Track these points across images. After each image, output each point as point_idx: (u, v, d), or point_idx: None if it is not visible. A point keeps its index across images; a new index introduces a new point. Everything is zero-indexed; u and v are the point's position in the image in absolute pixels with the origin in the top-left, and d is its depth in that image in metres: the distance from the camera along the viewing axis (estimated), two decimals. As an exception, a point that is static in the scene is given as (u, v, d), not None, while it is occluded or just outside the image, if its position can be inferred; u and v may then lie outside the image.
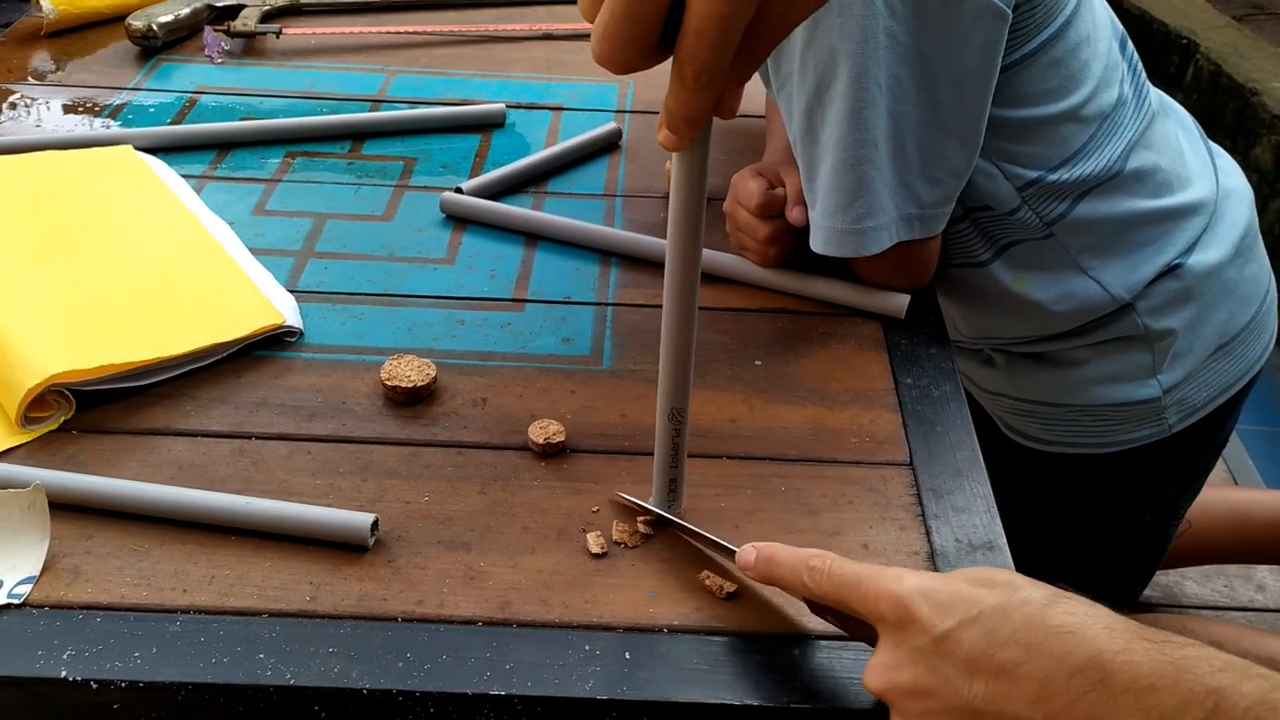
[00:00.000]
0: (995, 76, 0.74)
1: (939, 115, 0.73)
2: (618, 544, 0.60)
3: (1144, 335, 0.88)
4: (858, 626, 0.51)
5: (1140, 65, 0.88)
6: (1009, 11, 0.72)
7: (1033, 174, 0.81)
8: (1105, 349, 0.89)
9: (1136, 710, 0.41)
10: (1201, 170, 0.91)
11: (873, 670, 0.48)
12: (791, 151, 0.81)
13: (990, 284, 0.87)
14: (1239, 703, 0.40)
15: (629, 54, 0.44)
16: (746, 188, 0.79)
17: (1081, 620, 0.44)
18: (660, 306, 0.78)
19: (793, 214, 0.78)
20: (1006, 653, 0.44)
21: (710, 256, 0.80)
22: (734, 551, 0.56)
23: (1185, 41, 2.52)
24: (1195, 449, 0.97)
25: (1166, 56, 2.57)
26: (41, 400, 0.65)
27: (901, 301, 0.78)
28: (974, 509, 0.64)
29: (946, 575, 0.48)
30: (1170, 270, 0.87)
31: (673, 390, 0.57)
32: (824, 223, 0.75)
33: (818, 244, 0.76)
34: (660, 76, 0.44)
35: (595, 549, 0.59)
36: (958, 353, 0.96)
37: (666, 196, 0.89)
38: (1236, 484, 1.50)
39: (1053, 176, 0.81)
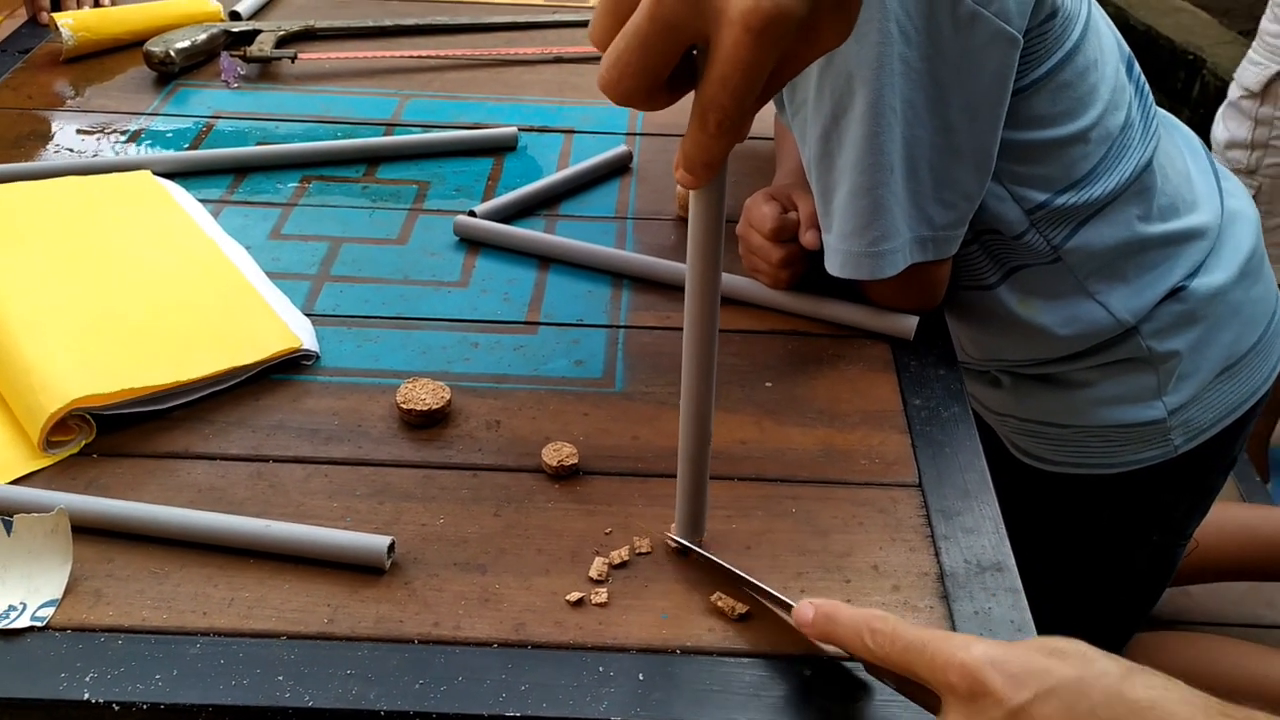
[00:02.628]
0: (1007, 100, 0.75)
1: (952, 139, 0.74)
2: (628, 564, 0.61)
3: (1148, 357, 0.88)
4: (917, 691, 0.50)
5: (1147, 88, 0.89)
6: (1020, 38, 0.73)
7: (1041, 196, 0.82)
8: (1110, 371, 0.89)
9: None
10: (1207, 193, 0.92)
11: None
12: (803, 175, 0.82)
13: (998, 307, 0.88)
14: None
15: (636, 85, 0.44)
16: (760, 212, 0.80)
17: (1160, 695, 0.43)
18: (672, 329, 0.79)
19: (806, 238, 0.79)
20: None
21: (722, 279, 0.81)
22: (789, 605, 0.55)
23: (1191, 57, 2.53)
24: (1203, 469, 0.97)
25: (1173, 72, 2.58)
26: (63, 424, 0.67)
27: (910, 323, 0.78)
28: (983, 530, 0.64)
29: (1016, 644, 0.47)
30: (1175, 293, 0.88)
31: (696, 421, 0.58)
32: (840, 245, 0.76)
33: (834, 266, 0.77)
34: None
35: (595, 575, 0.60)
36: (965, 374, 0.96)
37: (677, 219, 0.91)
38: (1245, 502, 1.50)
39: (1061, 199, 0.82)
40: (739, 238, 0.82)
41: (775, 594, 0.57)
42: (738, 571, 0.59)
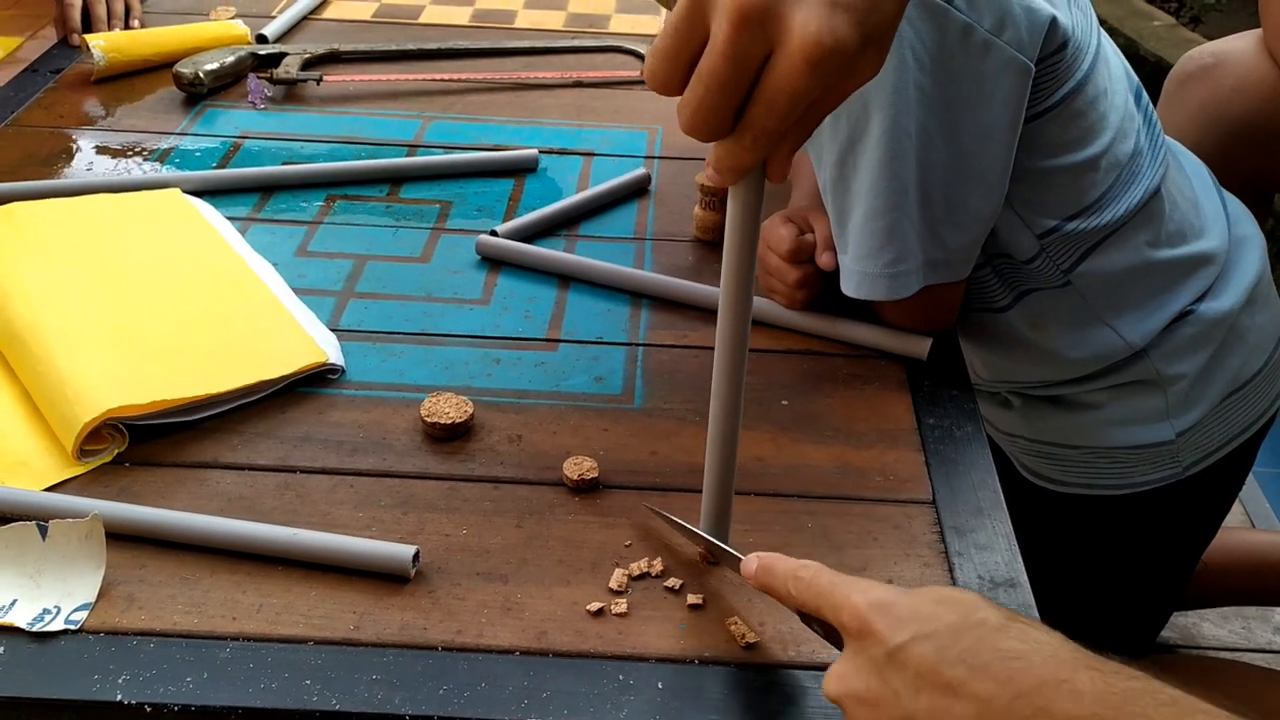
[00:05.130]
0: (1019, 127, 0.77)
1: (965, 164, 0.76)
2: (648, 575, 0.62)
3: (1157, 380, 0.89)
4: (837, 636, 0.52)
5: (1155, 116, 0.91)
6: (1032, 66, 0.75)
7: (1052, 222, 0.83)
8: (1119, 393, 0.91)
9: None
10: (1215, 219, 0.93)
11: (831, 677, 0.50)
12: (819, 197, 0.83)
13: (1009, 330, 0.90)
14: None
15: (722, 123, 0.46)
16: (777, 233, 0.82)
17: (1031, 647, 0.45)
18: (689, 348, 0.81)
19: (822, 259, 0.81)
20: (953, 671, 0.45)
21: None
22: (739, 560, 0.58)
23: (1202, 87, 2.53)
24: (1210, 492, 0.98)
25: (1183, 102, 2.59)
26: (97, 434, 0.68)
27: (924, 344, 0.80)
28: (996, 547, 0.65)
29: (913, 591, 0.49)
30: (1183, 316, 0.89)
31: (725, 426, 0.59)
32: (856, 267, 0.78)
33: (849, 287, 0.79)
34: None
35: (614, 585, 0.61)
36: (977, 395, 0.98)
37: (694, 240, 0.92)
38: (1254, 526, 1.51)
39: (1071, 225, 0.84)
40: (758, 257, 0.84)
41: (729, 550, 0.60)
42: (693, 528, 0.63)
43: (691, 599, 0.61)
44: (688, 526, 0.63)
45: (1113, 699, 0.42)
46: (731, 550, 0.60)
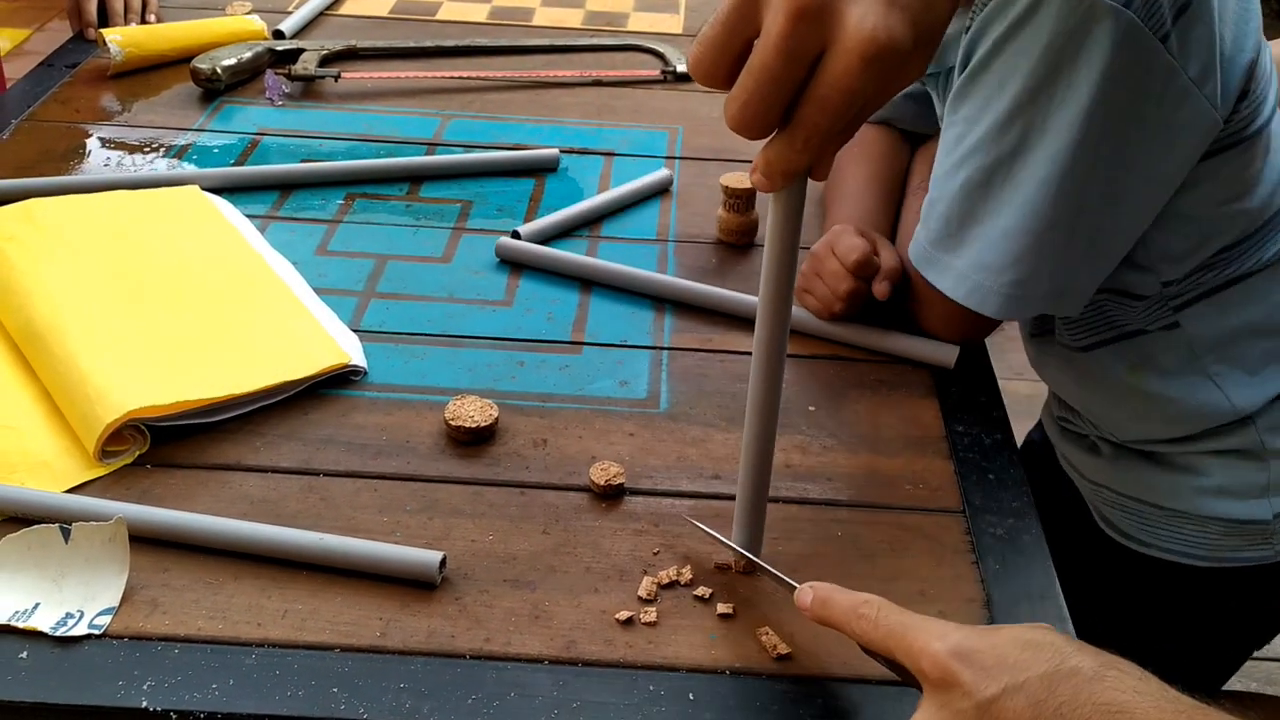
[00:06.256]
0: (1182, 179, 0.73)
1: (1122, 205, 0.72)
2: (676, 584, 0.61)
3: (1260, 452, 0.82)
4: (907, 673, 0.51)
5: None
6: (1221, 123, 0.71)
7: (1183, 267, 0.78)
8: (1217, 460, 0.83)
9: None
10: None
11: None
12: (879, 221, 0.81)
13: (1106, 370, 0.84)
14: None
15: (771, 118, 0.45)
16: (850, 242, 0.79)
17: (1130, 698, 0.43)
18: (715, 352, 0.80)
19: (879, 288, 0.78)
20: None
21: (755, 301, 0.82)
22: (793, 588, 0.57)
23: None
24: None
25: None
26: (118, 435, 0.67)
27: (952, 353, 0.79)
28: (1029, 557, 0.64)
29: (993, 635, 0.48)
30: None
31: (761, 434, 0.58)
32: (972, 274, 0.74)
33: (955, 289, 0.75)
34: (709, 123, 0.46)
35: (643, 594, 0.61)
36: (1063, 435, 0.93)
37: (717, 242, 0.91)
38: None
39: (1200, 274, 0.79)
40: (810, 256, 0.81)
41: (781, 576, 0.59)
42: (740, 550, 0.61)
43: (721, 608, 0.60)
44: (731, 545, 0.62)
45: None
46: (783, 577, 0.59)
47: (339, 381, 0.75)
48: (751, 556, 0.62)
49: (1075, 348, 0.85)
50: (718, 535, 0.63)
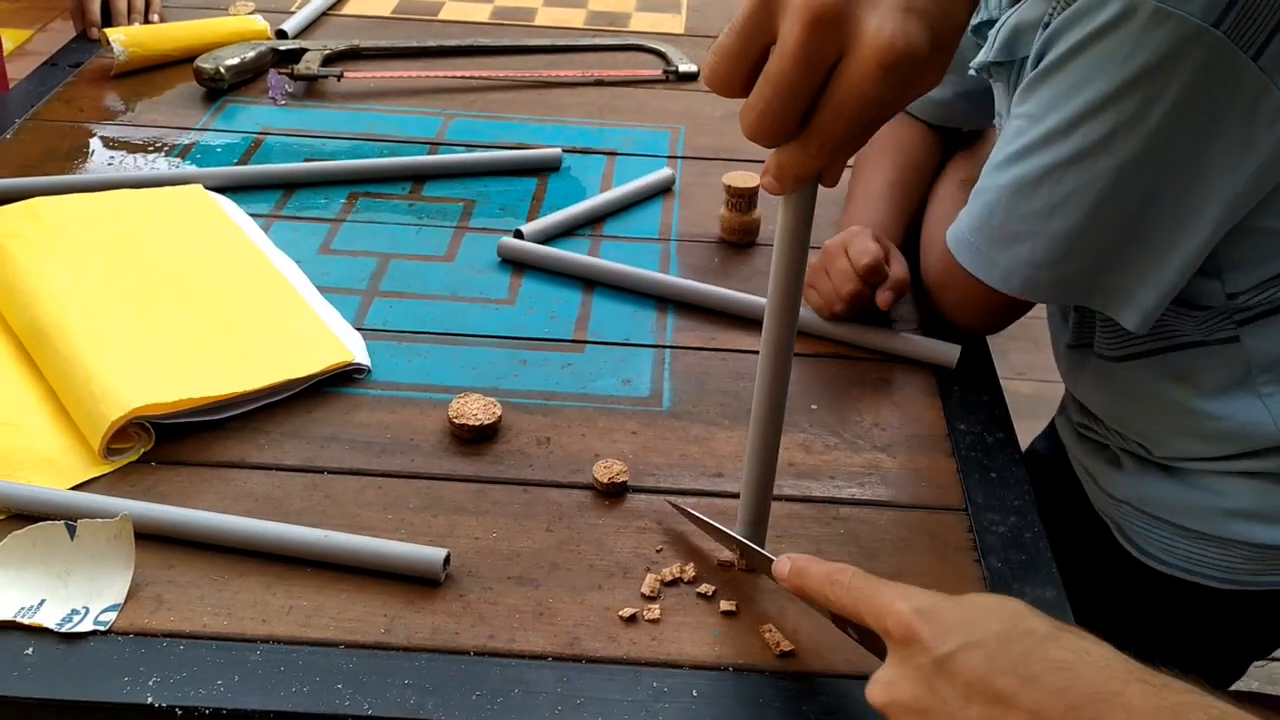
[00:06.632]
0: (1262, 195, 0.70)
1: (1194, 219, 0.70)
2: (680, 581, 0.62)
3: None
4: (875, 641, 0.52)
5: None
6: None
7: (1252, 280, 0.75)
8: (1251, 482, 0.80)
9: None
10: None
11: (876, 684, 0.49)
12: (893, 230, 0.81)
13: (1148, 378, 0.82)
14: None
15: (787, 126, 0.45)
16: (863, 245, 0.79)
17: (1081, 657, 0.44)
18: (717, 350, 0.80)
19: (881, 296, 0.78)
20: (1004, 681, 0.44)
21: (757, 300, 0.82)
22: (771, 561, 0.57)
23: None
24: None
25: None
26: (123, 432, 0.68)
27: (953, 353, 0.79)
28: (1031, 555, 0.65)
29: (957, 599, 0.49)
30: None
31: (766, 434, 0.58)
32: (1023, 270, 0.74)
33: (1011, 284, 0.74)
34: (711, 123, 0.46)
35: (647, 591, 0.61)
36: (1082, 445, 0.90)
37: (720, 241, 0.92)
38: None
39: (1268, 283, 0.76)
40: (823, 252, 0.81)
41: (759, 550, 0.60)
42: (719, 526, 0.62)
43: (725, 605, 0.60)
44: (716, 525, 0.63)
45: (1165, 713, 0.42)
46: (762, 551, 0.60)
47: (343, 380, 0.75)
48: (733, 534, 0.61)
49: (1113, 357, 0.83)
50: (706, 518, 0.63)
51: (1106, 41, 0.66)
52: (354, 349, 0.76)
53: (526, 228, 0.89)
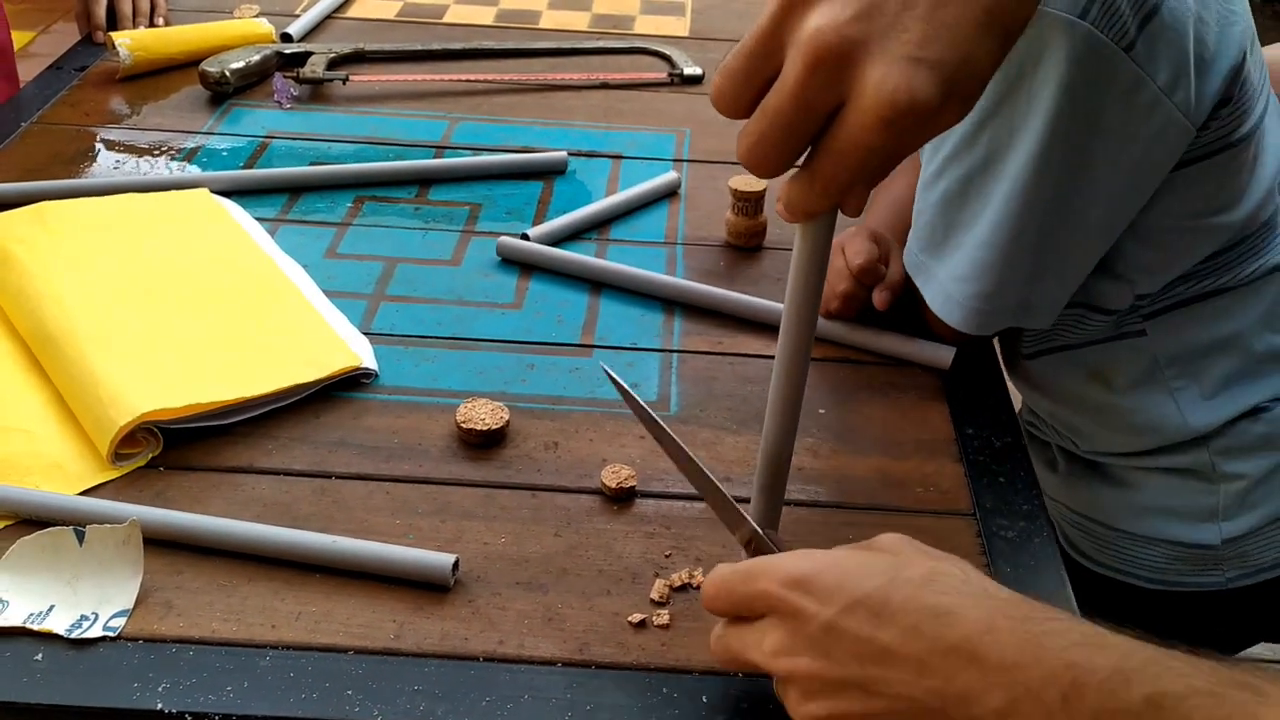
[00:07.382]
0: (1153, 190, 0.72)
1: (1087, 219, 0.72)
2: (689, 587, 0.62)
3: (1210, 475, 0.81)
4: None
5: None
6: (1194, 131, 0.70)
7: (1157, 282, 0.78)
8: (1166, 479, 0.83)
9: (1004, 686, 0.43)
10: None
11: (775, 656, 0.49)
12: (898, 230, 0.81)
13: (1064, 373, 0.84)
14: (1094, 675, 0.42)
15: (782, 161, 0.45)
16: (860, 245, 0.79)
17: (954, 600, 0.46)
18: (725, 354, 0.80)
19: (878, 296, 0.78)
20: (887, 634, 0.46)
21: (764, 304, 0.82)
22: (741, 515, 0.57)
23: None
24: (1260, 612, 0.87)
25: None
26: (131, 437, 0.68)
27: (947, 355, 0.79)
28: (1040, 558, 0.65)
29: (833, 553, 0.50)
30: (1256, 412, 0.81)
31: (779, 446, 0.58)
32: (948, 285, 0.75)
33: (936, 302, 0.76)
34: (716, 126, 0.46)
35: (656, 596, 0.61)
36: (1030, 441, 0.91)
37: (726, 245, 0.92)
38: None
39: (1176, 288, 0.78)
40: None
41: (731, 501, 0.58)
42: (652, 412, 0.59)
43: (734, 611, 0.60)
44: (646, 409, 0.58)
45: (1030, 645, 0.44)
46: (729, 497, 0.57)
47: (350, 384, 0.75)
48: (687, 449, 0.58)
49: (1027, 354, 0.85)
50: (631, 391, 0.59)
51: None
52: (361, 353, 0.76)
53: (533, 231, 0.89)
